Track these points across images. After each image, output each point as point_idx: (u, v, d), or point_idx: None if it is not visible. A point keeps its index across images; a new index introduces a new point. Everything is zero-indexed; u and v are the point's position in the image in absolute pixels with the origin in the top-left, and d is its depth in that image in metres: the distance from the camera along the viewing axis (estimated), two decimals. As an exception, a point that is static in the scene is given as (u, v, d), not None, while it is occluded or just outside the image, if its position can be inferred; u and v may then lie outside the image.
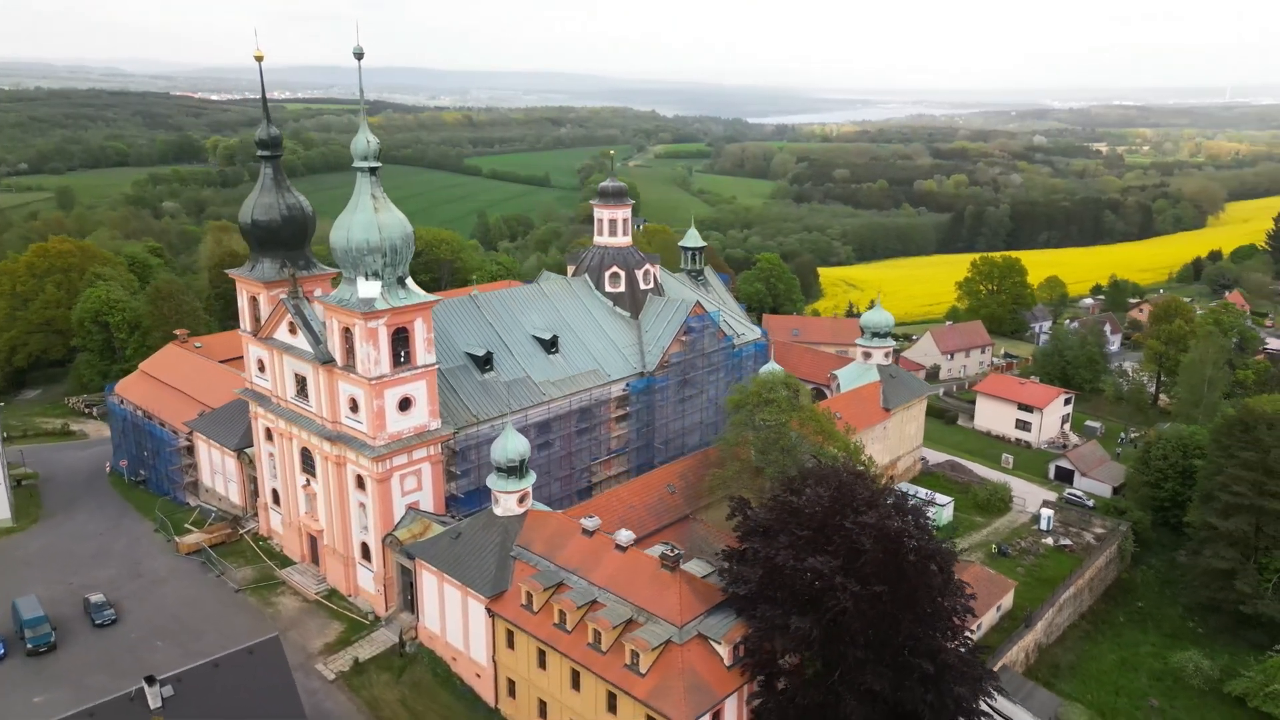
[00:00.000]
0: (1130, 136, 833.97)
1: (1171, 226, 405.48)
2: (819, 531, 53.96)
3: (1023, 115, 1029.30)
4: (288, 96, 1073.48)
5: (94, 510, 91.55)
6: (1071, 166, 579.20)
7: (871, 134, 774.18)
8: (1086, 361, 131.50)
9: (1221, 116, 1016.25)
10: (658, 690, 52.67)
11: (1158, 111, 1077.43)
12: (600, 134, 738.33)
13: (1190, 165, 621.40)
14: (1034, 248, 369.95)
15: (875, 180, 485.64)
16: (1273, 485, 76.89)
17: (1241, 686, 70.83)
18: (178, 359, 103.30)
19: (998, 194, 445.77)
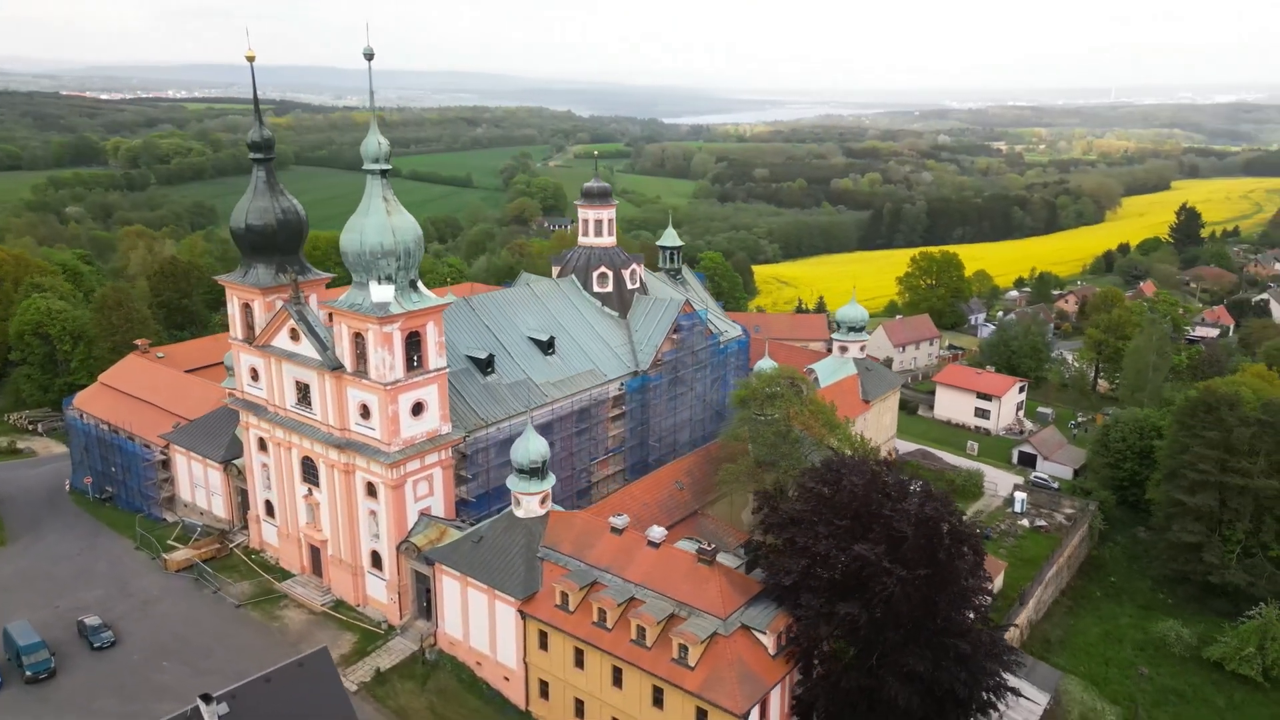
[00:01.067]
0: (1026, 136, 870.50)
1: (1074, 221, 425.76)
2: (856, 520, 55.76)
3: (925, 115, 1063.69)
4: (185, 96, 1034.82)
5: (63, 530, 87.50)
6: (976, 165, 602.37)
7: (785, 134, 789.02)
8: (1031, 350, 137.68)
9: (1108, 116, 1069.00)
10: (709, 682, 53.63)
11: (1050, 112, 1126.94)
12: (518, 134, 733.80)
13: (1084, 163, 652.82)
14: (950, 243, 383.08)
15: (794, 179, 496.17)
16: (1234, 462, 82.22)
17: (1219, 652, 75.67)
18: (141, 370, 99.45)
19: (911, 191, 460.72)
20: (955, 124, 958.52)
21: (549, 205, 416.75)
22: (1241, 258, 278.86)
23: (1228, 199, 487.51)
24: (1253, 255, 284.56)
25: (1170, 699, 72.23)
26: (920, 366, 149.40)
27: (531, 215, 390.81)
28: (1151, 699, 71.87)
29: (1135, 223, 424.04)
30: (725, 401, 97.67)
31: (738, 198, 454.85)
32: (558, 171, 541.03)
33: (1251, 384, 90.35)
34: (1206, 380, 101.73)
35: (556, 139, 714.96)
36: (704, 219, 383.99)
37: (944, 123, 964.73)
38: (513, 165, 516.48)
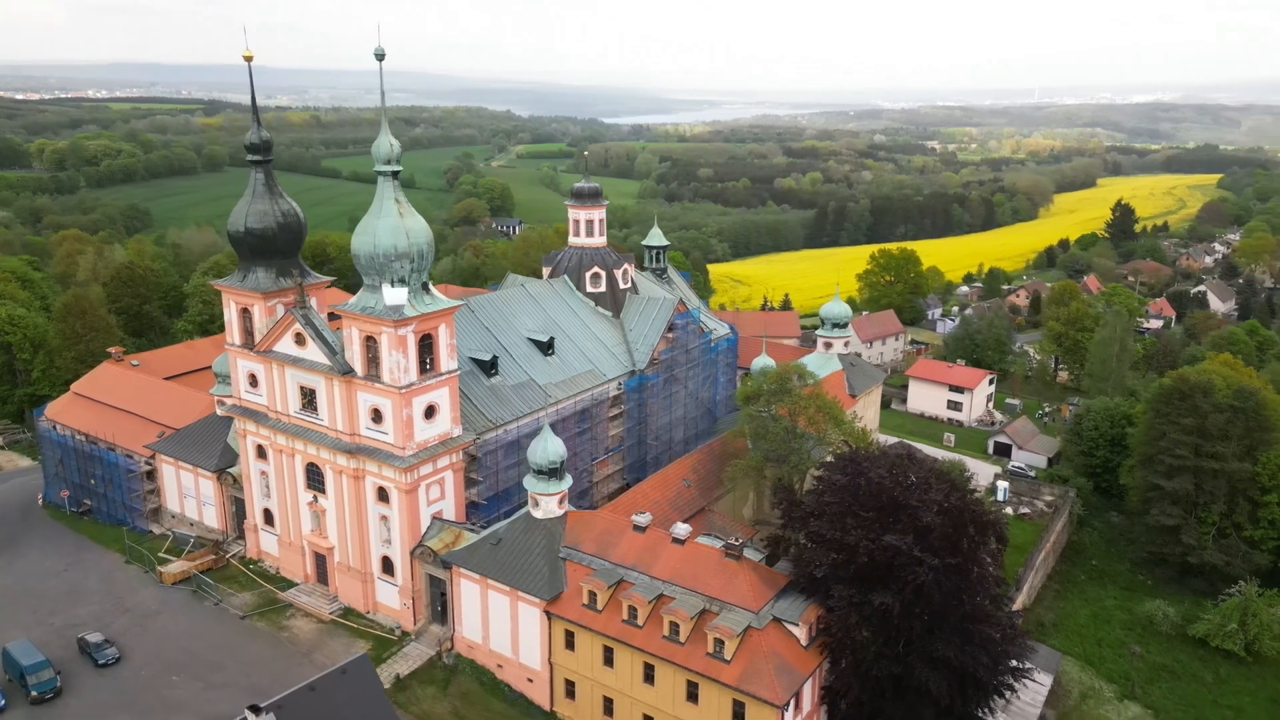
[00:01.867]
0: (958, 135, 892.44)
1: (1010, 218, 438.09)
2: (881, 511, 57.09)
3: (860, 115, 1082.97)
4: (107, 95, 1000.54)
5: (44, 546, 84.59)
6: (912, 164, 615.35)
7: (725, 134, 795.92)
8: (995, 344, 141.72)
9: (1034, 116, 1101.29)
10: (747, 674, 54.44)
11: (978, 112, 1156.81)
12: (458, 134, 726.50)
13: (1015, 161, 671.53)
14: (893, 240, 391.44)
15: (738, 179, 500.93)
16: (1208, 447, 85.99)
17: (1203, 629, 79.16)
18: (117, 379, 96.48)
19: (852, 190, 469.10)
20: (889, 124, 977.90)
21: (496, 206, 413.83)
22: (1173, 251, 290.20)
23: (1152, 195, 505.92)
24: (1183, 249, 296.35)
25: (1162, 675, 75.36)
26: (887, 361, 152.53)
27: (479, 216, 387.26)
28: (1145, 676, 74.85)
29: (1067, 219, 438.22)
30: (718, 399, 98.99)
31: (684, 197, 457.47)
32: (501, 172, 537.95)
33: (1220, 372, 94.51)
34: (1168, 370, 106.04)
35: (498, 139, 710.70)
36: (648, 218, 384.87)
37: (878, 123, 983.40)
38: (457, 166, 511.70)
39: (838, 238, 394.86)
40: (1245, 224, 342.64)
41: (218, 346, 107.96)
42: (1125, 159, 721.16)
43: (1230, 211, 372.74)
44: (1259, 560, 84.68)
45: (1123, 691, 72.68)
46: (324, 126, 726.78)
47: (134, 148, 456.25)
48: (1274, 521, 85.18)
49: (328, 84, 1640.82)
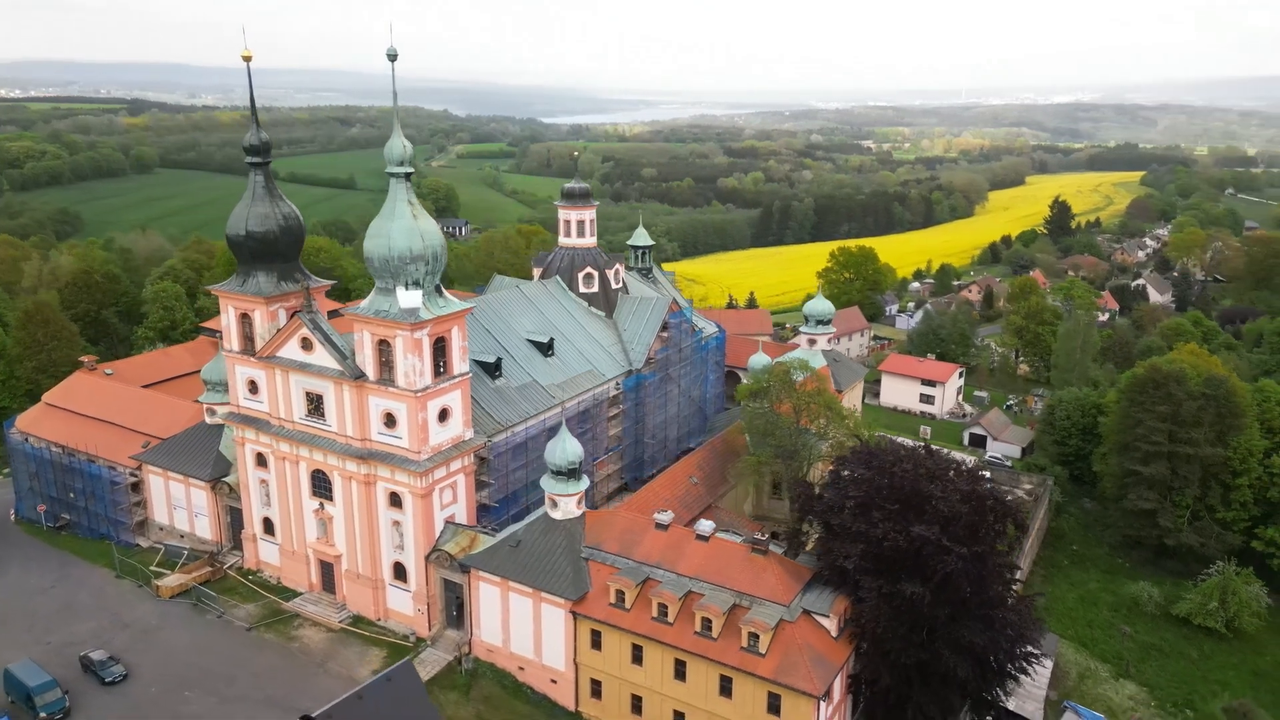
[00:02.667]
0: (892, 135, 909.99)
1: (948, 216, 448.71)
2: (906, 503, 58.53)
3: (795, 115, 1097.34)
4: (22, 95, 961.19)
5: (25, 564, 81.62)
6: (850, 163, 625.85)
7: (665, 134, 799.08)
8: (960, 338, 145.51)
9: (963, 116, 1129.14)
10: (783, 667, 55.34)
11: (910, 112, 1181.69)
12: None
13: (948, 160, 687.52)
14: (837, 239, 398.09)
15: (681, 179, 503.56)
16: (1182, 433, 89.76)
17: (1185, 608, 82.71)
18: (93, 388, 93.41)
19: (794, 189, 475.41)
20: (824, 124, 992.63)
21: (441, 206, 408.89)
22: (1108, 247, 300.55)
23: (1079, 192, 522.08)
24: (1116, 244, 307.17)
25: (1151, 654, 78.55)
26: (854, 357, 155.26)
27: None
28: (1136, 655, 77.94)
29: (1002, 216, 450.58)
30: (708, 397, 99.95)
31: (630, 197, 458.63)
32: (442, 172, 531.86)
33: (1188, 360, 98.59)
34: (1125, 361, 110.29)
35: (437, 139, 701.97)
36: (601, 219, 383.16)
37: (814, 123, 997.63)
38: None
39: (783, 236, 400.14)
40: (1172, 219, 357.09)
41: (194, 354, 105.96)
42: (1051, 157, 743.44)
43: (1156, 207, 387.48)
44: (1232, 541, 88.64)
45: (1117, 670, 75.56)
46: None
47: (59, 149, 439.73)
48: (1245, 503, 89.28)
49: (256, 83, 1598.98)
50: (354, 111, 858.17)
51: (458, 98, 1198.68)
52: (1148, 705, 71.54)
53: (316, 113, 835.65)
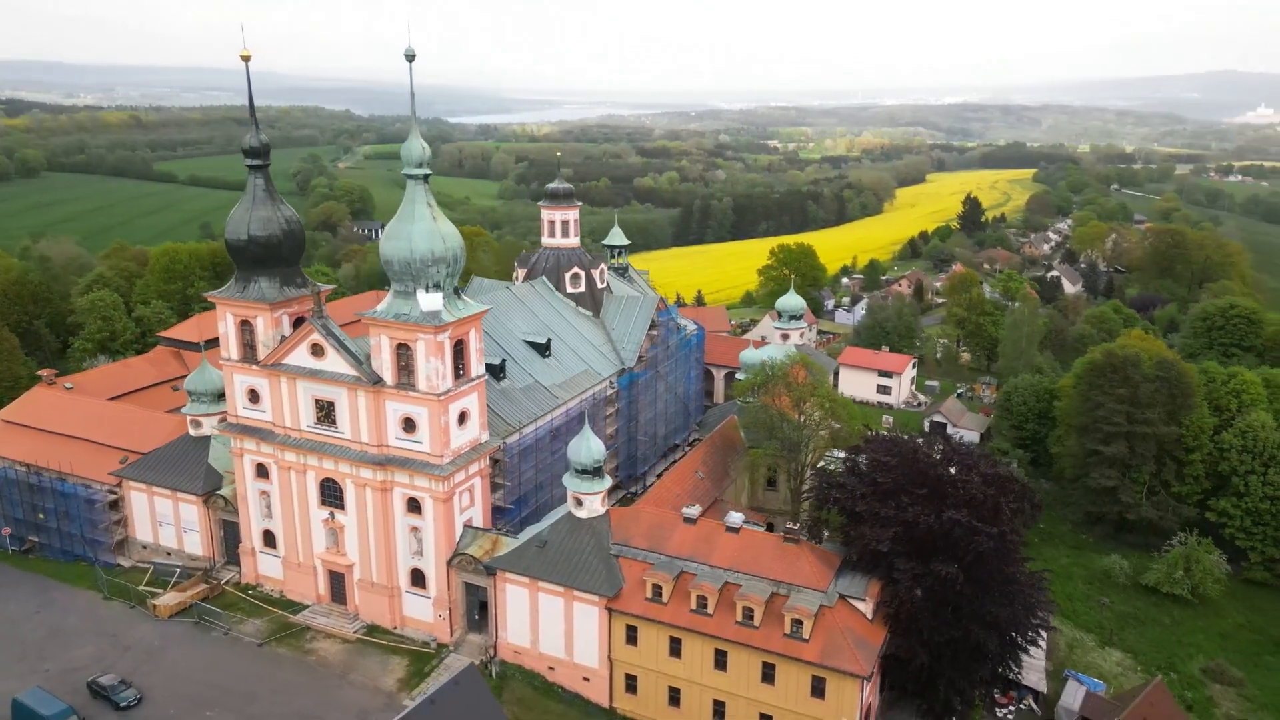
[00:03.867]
0: (796, 135, 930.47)
1: (860, 213, 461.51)
2: (933, 488, 61.06)
3: (701, 116, 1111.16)
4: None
5: (-2, 589, 77.30)
6: (759, 162, 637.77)
7: (575, 133, 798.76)
8: (905, 331, 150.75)
9: (861, 116, 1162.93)
10: (828, 651, 57.08)
11: (811, 112, 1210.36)
12: (298, 135, 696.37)
13: (852, 159, 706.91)
14: (755, 237, 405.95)
15: (598, 179, 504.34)
16: (1139, 414, 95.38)
17: (1154, 578, 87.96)
18: (54, 403, 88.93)
19: (709, 188, 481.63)
20: (729, 124, 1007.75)
21: (357, 209, 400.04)
22: (1015, 240, 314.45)
23: (978, 189, 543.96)
24: (1023, 238, 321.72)
25: (1129, 622, 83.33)
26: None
27: (340, 219, 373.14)
28: (1115, 624, 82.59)
29: (910, 212, 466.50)
30: (691, 393, 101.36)
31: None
32: (351, 174, 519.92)
33: (1137, 345, 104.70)
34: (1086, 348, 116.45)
35: (342, 140, 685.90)
36: (523, 219, 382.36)
37: (719, 123, 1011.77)
38: (306, 168, 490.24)
39: (703, 235, 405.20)
40: (1068, 214, 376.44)
41: (155, 365, 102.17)
42: (948, 156, 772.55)
43: (1054, 203, 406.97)
44: (1187, 513, 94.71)
45: (1102, 639, 79.95)
46: (146, 127, 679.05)
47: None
48: (1197, 477, 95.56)
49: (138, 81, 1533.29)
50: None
51: (358, 97, 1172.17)
52: (1134, 670, 76.04)
53: (210, 113, 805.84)
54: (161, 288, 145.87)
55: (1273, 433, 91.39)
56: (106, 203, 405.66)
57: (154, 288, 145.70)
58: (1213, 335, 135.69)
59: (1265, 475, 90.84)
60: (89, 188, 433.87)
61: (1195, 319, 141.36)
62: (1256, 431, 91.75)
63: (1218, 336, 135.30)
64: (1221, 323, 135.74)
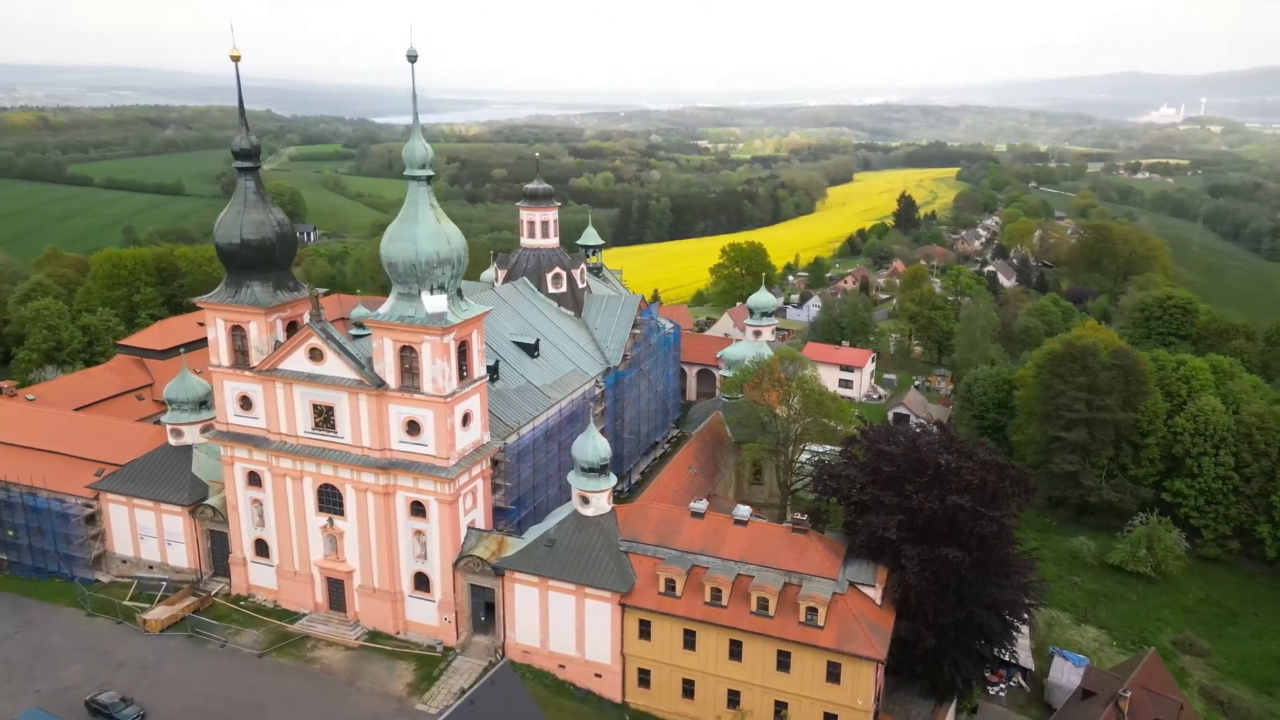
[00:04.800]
0: (725, 135, 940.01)
1: (794, 212, 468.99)
2: (934, 475, 63.18)
3: (629, 116, 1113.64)
4: None
5: (-34, 611, 74.10)
6: (691, 163, 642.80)
7: (505, 134, 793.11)
8: (860, 326, 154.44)
9: (787, 116, 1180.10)
10: (843, 636, 58.66)
11: (738, 113, 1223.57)
12: (217, 135, 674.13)
13: (781, 159, 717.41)
14: (693, 236, 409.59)
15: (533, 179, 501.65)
16: (1098, 400, 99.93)
17: (1118, 557, 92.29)
18: (17, 415, 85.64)
19: (645, 188, 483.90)
20: (659, 124, 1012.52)
21: (288, 211, 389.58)
22: (948, 237, 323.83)
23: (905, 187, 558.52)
24: (955, 235, 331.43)
25: (1100, 600, 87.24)
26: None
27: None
28: (1087, 602, 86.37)
29: (842, 211, 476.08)
30: (670, 391, 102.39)
31: (485, 198, 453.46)
32: (277, 176, 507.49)
33: (1092, 336, 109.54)
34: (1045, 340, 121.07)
35: (266, 141, 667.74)
36: (462, 220, 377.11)
37: (649, 123, 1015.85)
38: (230, 170, 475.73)
39: (642, 235, 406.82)
40: (993, 210, 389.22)
41: (118, 373, 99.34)
42: (873, 155, 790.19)
43: (980, 200, 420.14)
44: (1144, 495, 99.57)
45: (1077, 617, 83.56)
46: (54, 129, 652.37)
47: None
48: (1153, 460, 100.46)
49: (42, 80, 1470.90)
50: (165, 112, 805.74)
51: (277, 97, 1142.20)
52: (1110, 645, 79.72)
53: (122, 113, 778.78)
54: (105, 295, 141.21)
55: (1223, 416, 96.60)
56: (19, 207, 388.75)
57: (97, 295, 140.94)
58: (1151, 325, 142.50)
59: (1217, 456, 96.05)
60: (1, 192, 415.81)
61: (1134, 309, 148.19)
62: (1207, 415, 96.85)
63: (1155, 326, 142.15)
64: (1159, 313, 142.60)
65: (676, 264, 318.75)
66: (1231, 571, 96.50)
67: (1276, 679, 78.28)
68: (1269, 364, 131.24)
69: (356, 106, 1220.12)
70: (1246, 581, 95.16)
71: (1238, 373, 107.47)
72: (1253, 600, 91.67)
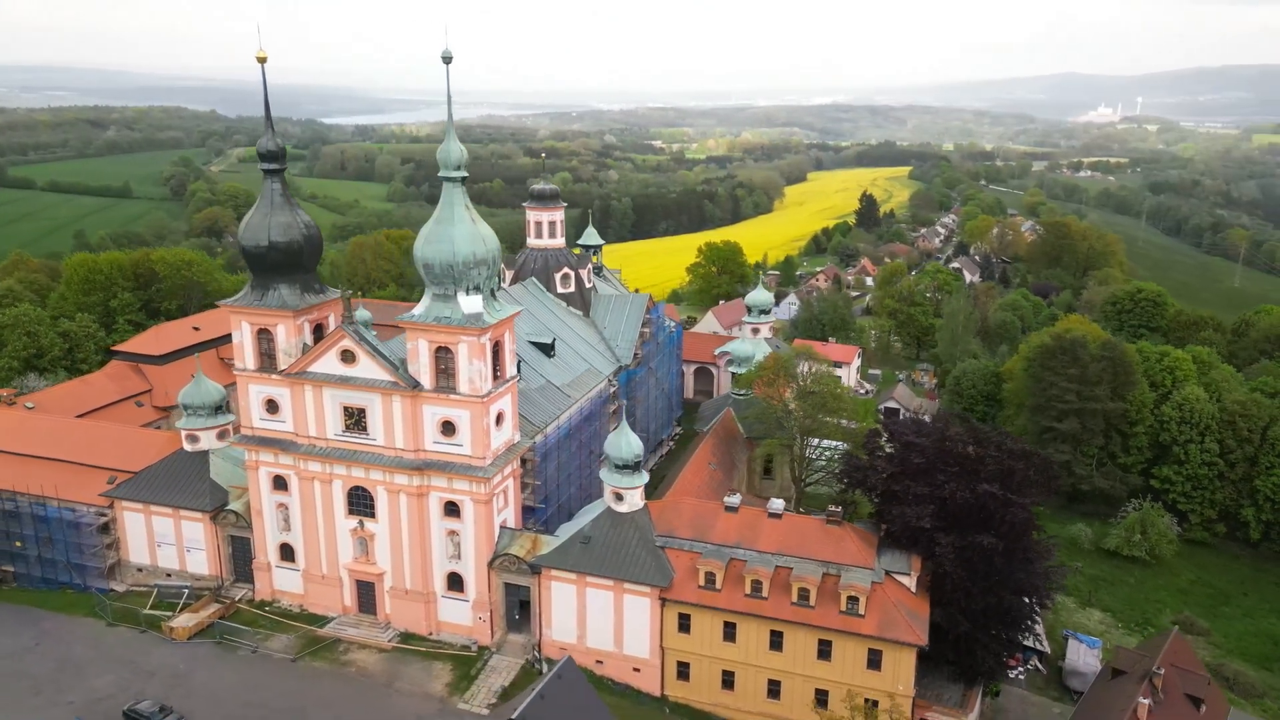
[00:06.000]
0: (679, 135, 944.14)
1: (753, 211, 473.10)
2: (963, 464, 65.04)
3: (582, 116, 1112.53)
4: None
5: (-21, 625, 72.28)
6: (647, 162, 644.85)
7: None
8: (840, 323, 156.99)
9: (738, 116, 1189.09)
10: (884, 624, 60.21)
11: (689, 113, 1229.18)
12: (162, 137, 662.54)
13: (736, 159, 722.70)
14: (655, 236, 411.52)
15: (491, 180, 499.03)
16: (1088, 391, 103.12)
17: (1114, 542, 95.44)
18: (17, 424, 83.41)
19: (604, 188, 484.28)
20: (612, 124, 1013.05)
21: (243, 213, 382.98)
22: (909, 235, 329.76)
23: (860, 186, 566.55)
24: (915, 233, 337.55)
25: (1099, 584, 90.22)
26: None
27: (226, 225, 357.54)
28: (1089, 586, 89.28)
29: (799, 210, 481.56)
30: (674, 388, 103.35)
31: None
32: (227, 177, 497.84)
33: (1079, 329, 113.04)
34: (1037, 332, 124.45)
35: (212, 142, 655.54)
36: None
37: (602, 123, 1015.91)
38: (180, 172, 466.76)
39: (605, 235, 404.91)
40: (949, 208, 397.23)
41: (115, 380, 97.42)
42: (824, 155, 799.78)
43: (936, 198, 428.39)
44: (1133, 482, 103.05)
45: (1082, 601, 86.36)
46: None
47: None
48: (1141, 448, 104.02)
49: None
50: (105, 113, 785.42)
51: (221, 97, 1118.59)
52: (1116, 627, 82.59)
53: (60, 114, 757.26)
54: (80, 300, 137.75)
55: (1207, 405, 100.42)
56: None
57: (72, 301, 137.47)
58: (1123, 318, 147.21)
59: (1202, 444, 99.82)
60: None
61: (1106, 303, 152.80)
62: (1193, 404, 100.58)
63: (1127, 319, 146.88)
64: (1130, 306, 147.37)
65: (644, 264, 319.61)
66: (1217, 554, 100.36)
67: (1273, 655, 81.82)
68: (1235, 354, 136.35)
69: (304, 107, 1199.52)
70: (1232, 563, 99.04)
71: (1216, 363, 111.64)
72: (1240, 580, 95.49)
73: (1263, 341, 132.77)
